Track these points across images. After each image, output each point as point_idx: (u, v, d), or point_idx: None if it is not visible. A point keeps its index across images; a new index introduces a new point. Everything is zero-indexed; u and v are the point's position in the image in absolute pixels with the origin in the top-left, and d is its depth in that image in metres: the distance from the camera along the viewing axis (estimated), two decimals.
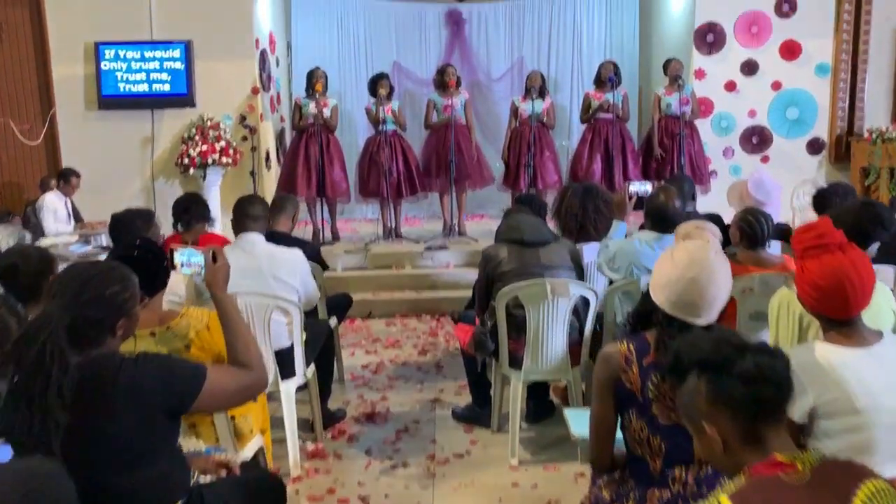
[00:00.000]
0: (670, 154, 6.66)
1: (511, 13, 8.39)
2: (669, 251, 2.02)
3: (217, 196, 6.97)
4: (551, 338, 3.31)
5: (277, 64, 8.08)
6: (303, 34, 8.22)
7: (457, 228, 6.88)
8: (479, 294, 3.55)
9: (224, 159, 6.87)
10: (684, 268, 1.90)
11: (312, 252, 4.07)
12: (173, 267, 2.27)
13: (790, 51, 7.14)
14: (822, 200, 4.24)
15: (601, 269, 3.52)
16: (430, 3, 8.73)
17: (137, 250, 2.38)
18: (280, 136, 8.01)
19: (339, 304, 4.42)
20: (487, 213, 8.40)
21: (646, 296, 2.02)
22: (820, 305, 2.00)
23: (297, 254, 3.43)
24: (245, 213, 3.40)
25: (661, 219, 3.29)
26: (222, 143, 6.89)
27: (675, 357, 1.47)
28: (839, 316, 1.97)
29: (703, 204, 6.02)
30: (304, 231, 6.89)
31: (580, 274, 3.47)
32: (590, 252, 3.90)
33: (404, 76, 8.36)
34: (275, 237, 3.99)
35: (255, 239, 3.36)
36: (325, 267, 4.19)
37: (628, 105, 6.93)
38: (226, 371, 2.04)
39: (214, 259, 2.18)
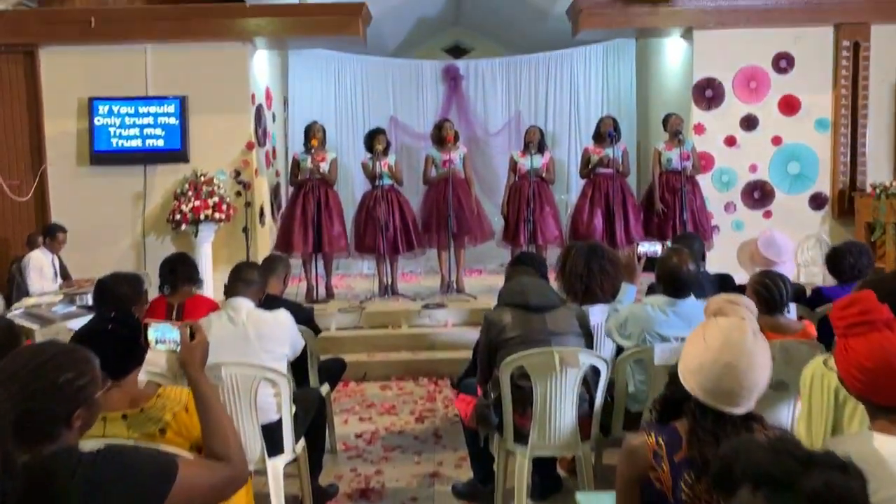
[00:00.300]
0: (672, 210, 6.51)
1: (508, 69, 8.35)
2: (701, 330, 1.80)
3: (209, 253, 6.79)
4: (560, 411, 3.07)
5: (274, 119, 7.99)
6: (300, 89, 8.15)
7: (455, 285, 6.67)
8: (481, 362, 3.31)
9: (217, 215, 6.70)
10: (719, 351, 1.69)
11: (304, 316, 3.84)
12: (147, 344, 2.04)
13: (789, 106, 7.06)
14: (835, 260, 4.07)
15: (610, 335, 3.30)
16: (428, 59, 8.71)
17: (111, 324, 2.15)
18: (275, 191, 7.86)
19: (332, 370, 4.17)
20: (485, 268, 8.21)
21: (674, 379, 1.80)
22: (867, 389, 1.77)
23: (283, 315, 3.20)
24: (239, 277, 3.22)
25: (675, 283, 3.09)
26: (215, 199, 6.74)
27: (722, 466, 1.24)
28: (890, 402, 1.75)
29: (707, 261, 5.84)
30: (297, 289, 6.67)
31: (589, 341, 3.24)
32: (595, 314, 3.68)
33: (401, 131, 8.27)
34: (266, 300, 3.78)
35: (243, 305, 3.14)
36: (317, 331, 3.95)
37: (628, 160, 6.81)
38: (200, 465, 1.80)
39: (192, 336, 1.96)
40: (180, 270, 3.87)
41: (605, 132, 6.54)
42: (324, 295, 6.63)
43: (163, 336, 2.03)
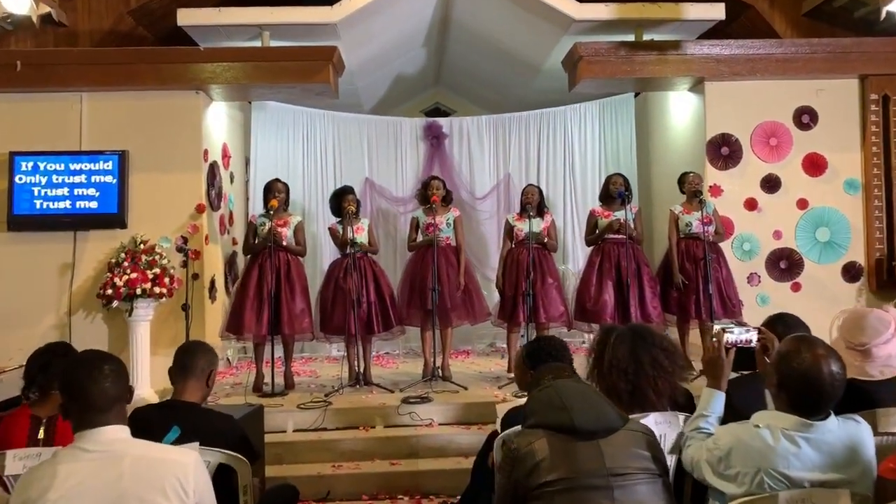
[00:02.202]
0: (694, 282, 5.41)
1: (496, 127, 7.36)
2: None
3: (146, 336, 5.50)
4: None
5: (232, 179, 6.85)
6: (263, 147, 7.04)
7: (440, 372, 5.43)
8: None
9: (157, 289, 5.45)
10: None
11: (233, 435, 2.58)
12: None
13: (815, 165, 6.12)
14: None
15: (699, 472, 2.08)
16: (407, 116, 7.73)
17: None
18: (230, 262, 6.63)
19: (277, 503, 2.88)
20: (474, 349, 6.99)
21: None
22: None
23: (188, 458, 1.92)
24: (85, 400, 1.85)
25: (812, 394, 1.89)
26: (156, 270, 5.51)
27: None
28: None
29: None
30: (247, 376, 5.36)
31: (667, 480, 2.02)
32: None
33: (377, 194, 7.17)
34: (175, 410, 2.53)
35: (113, 437, 1.87)
36: (253, 456, 2.67)
37: (641, 224, 5.73)
38: None
39: None
40: (56, 366, 2.62)
41: (616, 192, 5.48)
42: (281, 386, 5.33)
43: None
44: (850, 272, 6.10)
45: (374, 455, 4.45)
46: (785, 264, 6.09)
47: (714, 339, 2.33)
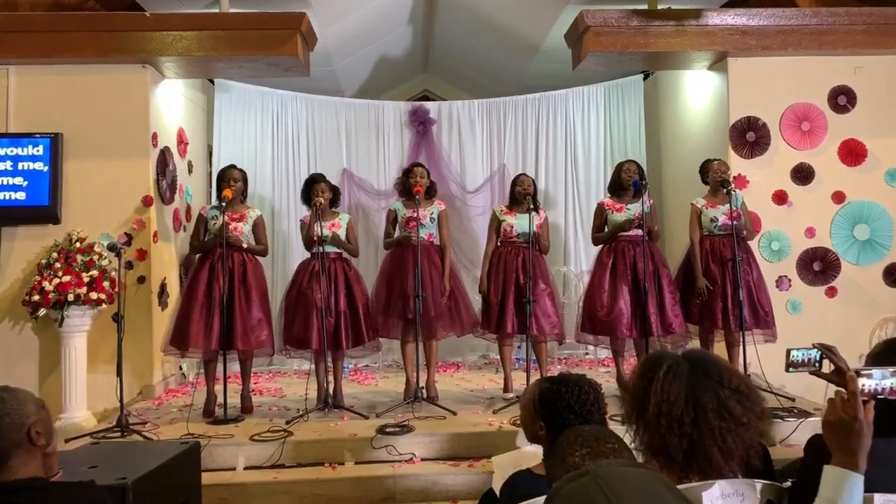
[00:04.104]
0: (720, 287, 4.54)
1: (489, 112, 6.46)
2: None
3: (82, 350, 4.63)
4: None
5: (190, 169, 5.95)
6: (227, 133, 6.13)
7: (424, 392, 4.55)
8: None
9: (94, 295, 4.57)
10: None
11: None
12: None
13: (852, 153, 5.28)
14: None
15: None
16: (391, 100, 6.84)
17: None
18: (187, 263, 5.72)
19: None
20: (464, 362, 6.10)
21: None
22: None
23: None
24: None
25: None
26: (93, 273, 4.63)
27: None
28: None
29: (771, 356, 3.80)
30: (193, 397, 4.45)
31: None
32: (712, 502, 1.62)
33: (356, 186, 6.27)
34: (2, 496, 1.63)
35: None
36: None
37: (656, 219, 4.86)
38: None
39: None
40: None
41: (629, 182, 4.61)
42: (238, 409, 4.43)
43: None
44: (893, 275, 5.27)
45: (342, 499, 3.56)
46: (819, 266, 5.25)
47: (847, 387, 1.45)
